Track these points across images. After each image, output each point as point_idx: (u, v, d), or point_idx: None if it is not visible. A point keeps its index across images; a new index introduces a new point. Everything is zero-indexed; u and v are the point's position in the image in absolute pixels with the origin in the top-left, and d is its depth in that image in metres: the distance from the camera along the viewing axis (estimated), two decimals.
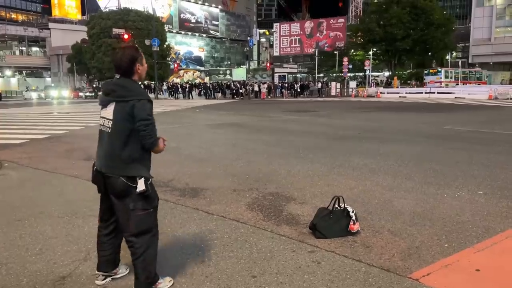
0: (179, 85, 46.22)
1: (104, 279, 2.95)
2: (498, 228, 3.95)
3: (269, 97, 40.97)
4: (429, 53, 52.72)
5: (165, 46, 51.08)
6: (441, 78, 42.00)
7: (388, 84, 48.29)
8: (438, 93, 34.26)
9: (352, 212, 3.79)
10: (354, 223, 3.78)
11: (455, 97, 31.52)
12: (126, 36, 43.10)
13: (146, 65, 2.79)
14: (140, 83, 2.86)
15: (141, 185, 2.62)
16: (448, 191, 5.27)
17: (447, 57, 55.38)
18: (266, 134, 11.70)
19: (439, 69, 44.25)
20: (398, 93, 36.88)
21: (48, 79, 73.68)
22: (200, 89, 47.40)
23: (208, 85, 46.73)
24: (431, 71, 44.52)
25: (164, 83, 50.57)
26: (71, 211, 4.62)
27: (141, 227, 2.68)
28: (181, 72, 77.98)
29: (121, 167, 2.61)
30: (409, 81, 48.42)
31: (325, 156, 7.97)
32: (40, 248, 3.61)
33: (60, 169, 6.90)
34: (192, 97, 41.95)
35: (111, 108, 2.63)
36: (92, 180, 2.80)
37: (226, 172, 6.66)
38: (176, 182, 5.97)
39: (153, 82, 45.16)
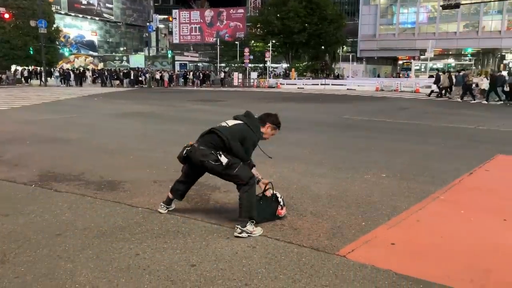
0: (71, 71, 42.70)
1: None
2: (403, 206, 4.46)
3: (171, 85, 40.12)
4: (323, 47, 55.97)
5: (53, 28, 46.78)
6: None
7: (286, 75, 50.25)
8: (332, 84, 36.66)
9: (280, 197, 3.98)
10: (282, 208, 3.97)
11: (347, 89, 34.01)
12: (7, 16, 38.79)
13: (271, 132, 4.19)
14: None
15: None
16: (357, 175, 5.77)
17: (339, 51, 59.31)
18: (176, 124, 11.52)
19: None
20: (296, 84, 38.63)
21: None
22: (95, 76, 44.52)
23: (104, 72, 44.01)
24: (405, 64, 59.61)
25: (54, 69, 46.44)
26: None
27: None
28: (72, 57, 72.41)
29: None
30: (305, 73, 50.93)
31: None
32: None
33: None
34: (82, 84, 39.10)
35: (234, 122, 3.89)
36: None
37: (142, 163, 6.46)
38: (88, 175, 5.63)
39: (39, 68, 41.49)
